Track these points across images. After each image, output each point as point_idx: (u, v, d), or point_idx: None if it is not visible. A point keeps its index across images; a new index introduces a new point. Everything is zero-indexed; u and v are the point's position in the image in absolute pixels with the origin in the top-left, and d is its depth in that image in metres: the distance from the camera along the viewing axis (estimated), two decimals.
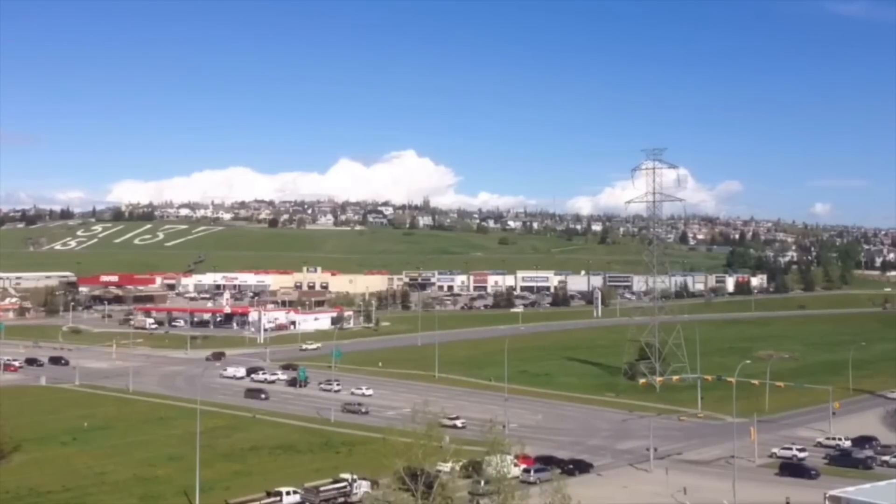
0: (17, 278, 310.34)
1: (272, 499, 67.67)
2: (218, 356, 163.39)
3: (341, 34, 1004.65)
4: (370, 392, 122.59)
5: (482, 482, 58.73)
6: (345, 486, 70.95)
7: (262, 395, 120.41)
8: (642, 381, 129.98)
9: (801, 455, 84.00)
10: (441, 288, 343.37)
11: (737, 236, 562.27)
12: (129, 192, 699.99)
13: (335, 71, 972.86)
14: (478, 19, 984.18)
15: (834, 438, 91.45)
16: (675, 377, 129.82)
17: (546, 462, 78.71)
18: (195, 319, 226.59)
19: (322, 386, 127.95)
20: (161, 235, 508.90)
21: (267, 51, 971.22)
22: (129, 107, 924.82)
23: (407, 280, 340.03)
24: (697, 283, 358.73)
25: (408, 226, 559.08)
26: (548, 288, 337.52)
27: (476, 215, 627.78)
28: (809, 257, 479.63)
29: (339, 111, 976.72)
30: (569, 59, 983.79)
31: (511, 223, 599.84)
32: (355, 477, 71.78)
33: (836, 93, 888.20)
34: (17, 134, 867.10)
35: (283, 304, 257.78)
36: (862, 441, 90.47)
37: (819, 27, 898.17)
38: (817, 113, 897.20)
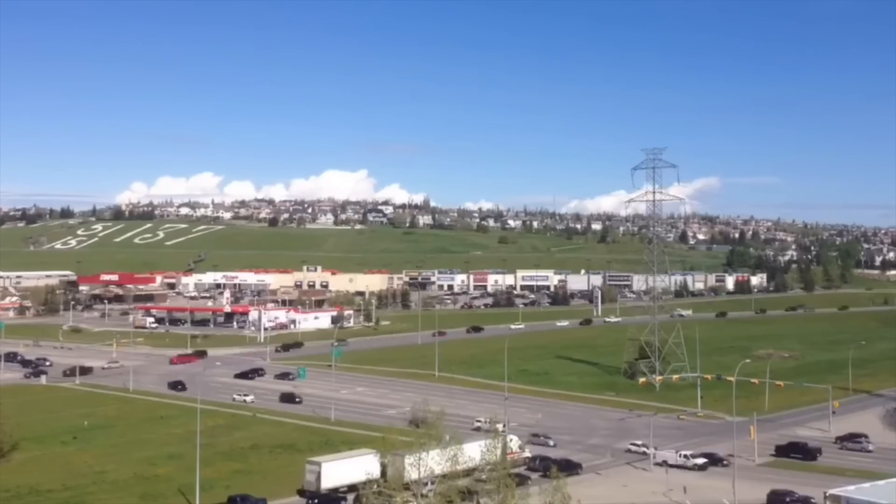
0: (18, 277, 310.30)
1: None
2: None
3: (335, 35, 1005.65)
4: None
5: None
6: None
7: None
8: (642, 380, 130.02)
9: None
10: (441, 287, 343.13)
11: (737, 235, 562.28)
12: (167, 188, 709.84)
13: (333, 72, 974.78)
14: (477, 21, 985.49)
15: None
16: (674, 376, 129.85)
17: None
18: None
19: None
20: (161, 234, 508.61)
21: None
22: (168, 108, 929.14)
23: (407, 279, 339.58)
24: (697, 283, 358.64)
25: (408, 225, 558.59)
26: (548, 287, 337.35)
27: (476, 214, 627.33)
28: (809, 256, 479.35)
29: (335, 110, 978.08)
30: (568, 58, 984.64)
31: (511, 222, 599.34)
32: None
33: (836, 92, 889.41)
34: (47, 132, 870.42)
35: (284, 303, 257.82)
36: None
37: (818, 26, 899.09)
38: (818, 112, 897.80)
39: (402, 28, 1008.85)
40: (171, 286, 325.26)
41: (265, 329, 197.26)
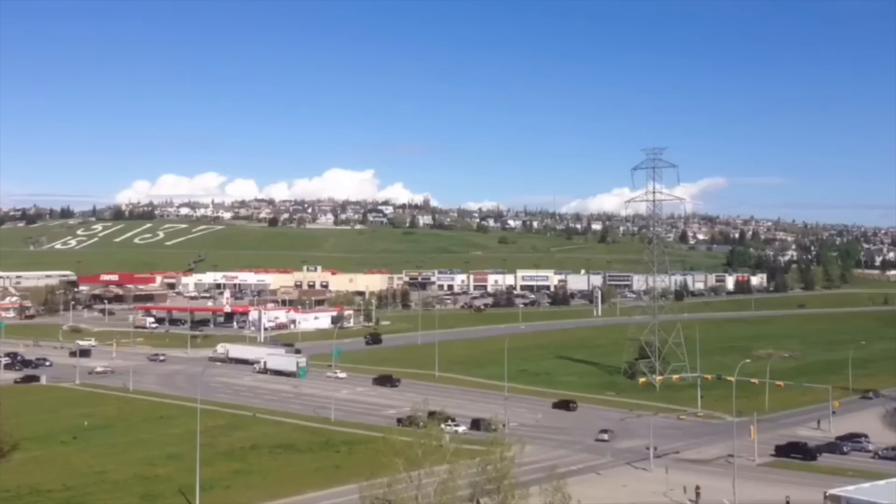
0: (18, 277, 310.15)
1: None
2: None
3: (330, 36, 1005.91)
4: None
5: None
6: None
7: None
8: (642, 380, 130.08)
9: None
10: (441, 287, 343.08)
11: (737, 235, 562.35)
12: (171, 187, 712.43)
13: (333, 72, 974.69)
14: (476, 20, 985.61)
15: None
16: (674, 376, 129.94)
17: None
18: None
19: None
20: (161, 234, 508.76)
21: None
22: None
23: (407, 279, 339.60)
24: (697, 283, 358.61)
25: (408, 225, 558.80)
26: (548, 287, 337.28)
27: (476, 214, 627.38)
28: (809, 256, 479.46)
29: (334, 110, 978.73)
30: (567, 58, 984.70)
31: (511, 222, 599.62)
32: None
33: (837, 92, 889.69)
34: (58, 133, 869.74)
35: (284, 303, 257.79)
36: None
37: (818, 25, 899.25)
38: (818, 113, 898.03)
39: (403, 28, 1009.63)
40: (171, 286, 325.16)
41: (265, 329, 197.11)
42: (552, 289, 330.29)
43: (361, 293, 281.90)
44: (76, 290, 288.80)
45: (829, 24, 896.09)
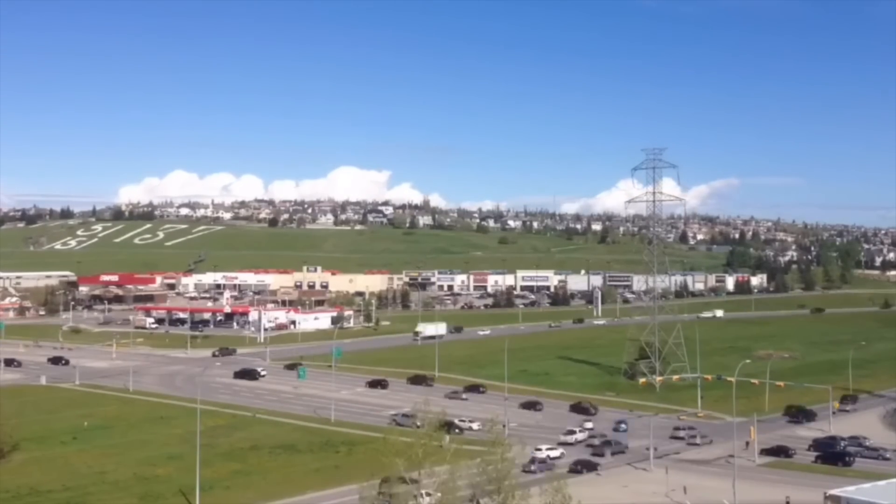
0: (17, 278, 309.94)
1: None
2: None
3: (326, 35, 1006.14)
4: None
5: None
6: None
7: None
8: (642, 380, 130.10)
9: None
10: (441, 287, 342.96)
11: (737, 236, 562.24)
12: (183, 186, 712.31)
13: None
14: (475, 18, 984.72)
15: None
16: (674, 377, 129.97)
17: None
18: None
19: None
20: (161, 235, 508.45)
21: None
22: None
23: (407, 279, 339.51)
24: (697, 283, 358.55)
25: (408, 225, 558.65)
26: (548, 287, 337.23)
27: (476, 215, 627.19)
28: (809, 257, 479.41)
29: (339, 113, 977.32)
30: (567, 57, 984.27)
31: (511, 223, 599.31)
32: None
33: (837, 93, 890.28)
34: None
35: (284, 303, 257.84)
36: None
37: (818, 25, 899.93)
38: (818, 113, 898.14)
39: (403, 27, 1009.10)
40: (171, 287, 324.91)
41: (265, 329, 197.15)
42: (552, 289, 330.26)
43: (361, 293, 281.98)
44: (76, 290, 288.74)
45: (830, 24, 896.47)
